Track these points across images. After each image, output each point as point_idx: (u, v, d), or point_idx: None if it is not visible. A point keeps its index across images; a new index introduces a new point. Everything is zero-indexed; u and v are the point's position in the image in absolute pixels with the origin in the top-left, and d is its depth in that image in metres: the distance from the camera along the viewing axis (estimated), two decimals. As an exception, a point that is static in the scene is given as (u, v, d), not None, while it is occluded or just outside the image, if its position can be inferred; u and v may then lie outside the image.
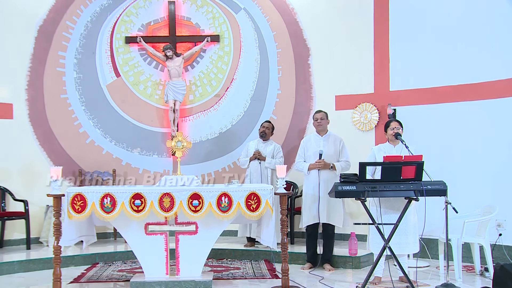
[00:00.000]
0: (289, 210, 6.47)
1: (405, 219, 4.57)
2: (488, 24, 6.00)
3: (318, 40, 7.27)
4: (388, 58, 6.72)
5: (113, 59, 7.53)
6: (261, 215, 4.68)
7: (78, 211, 4.52)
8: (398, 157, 4.60)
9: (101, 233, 6.74)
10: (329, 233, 5.57)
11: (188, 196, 4.60)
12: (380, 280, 4.83)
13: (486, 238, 5.18)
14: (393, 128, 4.97)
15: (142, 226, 4.72)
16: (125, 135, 7.51)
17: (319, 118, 5.65)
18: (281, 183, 4.73)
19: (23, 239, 6.61)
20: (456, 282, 4.83)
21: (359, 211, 6.57)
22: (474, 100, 6.08)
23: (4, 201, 6.73)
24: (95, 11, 7.45)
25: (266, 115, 7.41)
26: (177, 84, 7.33)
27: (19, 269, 5.63)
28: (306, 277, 5.26)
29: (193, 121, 7.60)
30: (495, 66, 5.94)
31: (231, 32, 7.61)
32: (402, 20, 6.62)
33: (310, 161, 5.58)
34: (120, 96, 7.52)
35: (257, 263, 5.93)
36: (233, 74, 7.59)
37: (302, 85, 7.37)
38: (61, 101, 7.29)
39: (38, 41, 7.16)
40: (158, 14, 7.64)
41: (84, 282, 5.12)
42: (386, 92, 6.74)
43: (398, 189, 4.34)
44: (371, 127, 6.83)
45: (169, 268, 4.75)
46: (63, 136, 7.27)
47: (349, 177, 4.46)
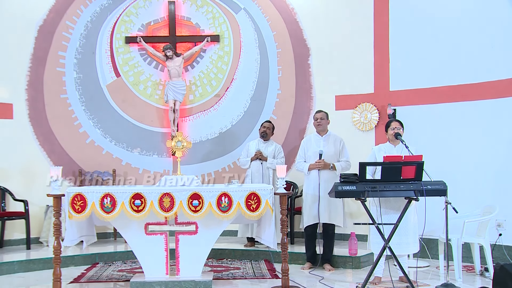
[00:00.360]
0: (289, 210, 6.47)
1: (405, 219, 4.57)
2: (488, 24, 6.00)
3: (318, 40, 7.27)
4: (388, 58, 6.72)
5: (113, 59, 7.53)
6: (261, 215, 4.68)
7: (78, 211, 4.52)
8: (398, 157, 4.59)
9: (101, 233, 6.74)
10: (329, 233, 5.57)
11: (188, 196, 4.60)
12: (380, 280, 4.83)
13: (486, 238, 5.18)
14: (393, 128, 4.97)
15: (142, 226, 4.72)
16: (125, 135, 7.51)
17: (319, 118, 5.65)
18: (281, 183, 4.72)
19: (23, 239, 6.60)
20: (456, 282, 4.83)
21: (359, 211, 6.57)
22: (474, 100, 6.08)
23: (4, 201, 6.73)
24: (95, 11, 7.45)
25: (266, 115, 7.41)
26: (177, 84, 7.33)
27: (19, 269, 5.63)
28: (306, 277, 5.26)
29: (193, 121, 7.60)
30: (495, 66, 5.94)
31: (231, 32, 7.61)
32: (402, 20, 6.63)
33: (310, 161, 5.57)
34: (120, 96, 7.52)
35: (257, 263, 5.92)
36: (233, 74, 7.59)
37: (302, 85, 7.37)
38: (61, 101, 7.29)
39: (38, 41, 7.16)
40: (158, 14, 7.64)
41: (84, 282, 5.12)
42: (386, 92, 6.75)
43: (398, 189, 4.34)
44: (371, 127, 6.83)
45: (169, 268, 4.75)
46: (63, 136, 7.27)
47: (349, 177, 4.46)
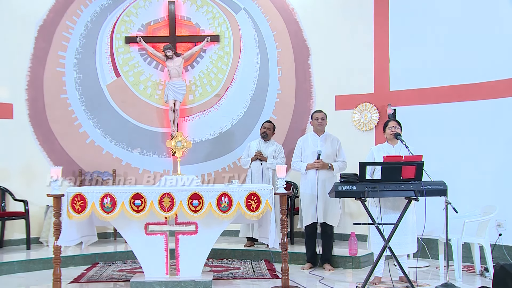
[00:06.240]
0: (289, 210, 6.47)
1: (404, 219, 4.56)
2: (488, 24, 5.99)
3: (318, 40, 7.27)
4: (388, 58, 6.72)
5: (113, 59, 7.53)
6: (261, 215, 4.68)
7: (78, 211, 4.52)
8: (398, 157, 4.59)
9: (101, 233, 6.71)
10: (328, 233, 5.57)
11: (188, 196, 4.60)
12: (380, 280, 4.83)
13: (486, 238, 5.18)
14: (391, 128, 4.97)
15: (142, 226, 4.72)
16: (125, 135, 7.50)
17: (320, 118, 5.65)
18: (281, 183, 4.72)
19: (23, 239, 6.60)
20: (456, 282, 4.83)
21: (359, 211, 6.57)
22: (474, 100, 6.08)
23: (4, 201, 6.73)
24: (95, 11, 7.45)
25: (266, 115, 7.40)
26: (177, 84, 7.33)
27: (19, 269, 5.63)
28: (306, 277, 5.26)
29: (193, 121, 7.60)
30: (495, 66, 5.94)
31: (231, 32, 7.61)
32: (402, 20, 6.63)
33: (308, 161, 5.57)
34: (120, 96, 7.52)
35: (257, 263, 5.92)
36: (233, 74, 7.59)
37: (302, 85, 7.37)
38: (61, 101, 7.29)
39: (38, 41, 7.15)
40: (158, 14, 7.63)
41: (84, 282, 5.12)
42: (386, 92, 6.75)
43: (398, 189, 4.34)
44: (371, 127, 6.83)
45: (169, 268, 4.75)
46: (63, 136, 7.26)
47: (349, 177, 4.45)
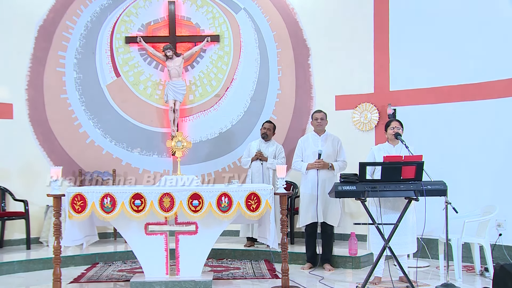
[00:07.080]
0: (289, 210, 6.47)
1: (404, 219, 4.56)
2: (488, 24, 5.99)
3: (318, 40, 7.27)
4: (388, 58, 6.72)
5: (113, 59, 7.53)
6: (261, 215, 4.68)
7: (78, 211, 4.52)
8: (398, 157, 4.59)
9: (101, 233, 6.69)
10: (328, 233, 5.57)
11: (188, 196, 4.60)
12: (380, 280, 4.83)
13: (486, 238, 5.18)
14: (393, 128, 4.97)
15: (142, 226, 4.72)
16: (125, 135, 7.50)
17: (319, 118, 5.65)
18: (281, 183, 4.72)
19: (23, 239, 6.60)
20: (456, 282, 4.83)
21: (359, 211, 6.57)
22: (474, 100, 6.08)
23: (4, 201, 6.73)
24: (95, 11, 7.45)
25: (266, 115, 7.40)
26: (177, 84, 7.33)
27: (19, 269, 5.63)
28: (306, 277, 5.26)
29: (193, 121, 7.60)
30: (495, 66, 5.94)
31: (231, 32, 7.61)
32: (402, 19, 6.62)
33: (308, 160, 5.57)
34: (120, 96, 7.52)
35: (257, 263, 5.92)
36: (233, 74, 7.59)
37: (302, 85, 7.37)
38: (61, 101, 7.29)
39: (38, 41, 7.15)
40: (158, 14, 7.63)
41: (84, 282, 5.12)
42: (386, 92, 6.74)
43: (398, 189, 4.34)
44: (371, 127, 6.83)
45: (169, 268, 4.75)
46: (63, 136, 7.26)
47: (349, 177, 4.45)
